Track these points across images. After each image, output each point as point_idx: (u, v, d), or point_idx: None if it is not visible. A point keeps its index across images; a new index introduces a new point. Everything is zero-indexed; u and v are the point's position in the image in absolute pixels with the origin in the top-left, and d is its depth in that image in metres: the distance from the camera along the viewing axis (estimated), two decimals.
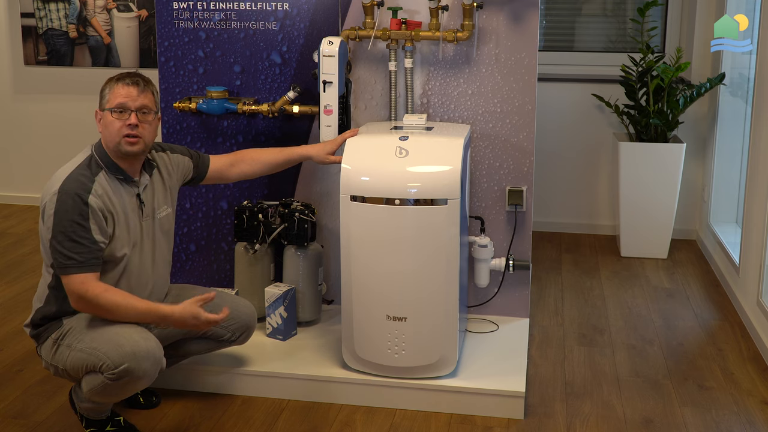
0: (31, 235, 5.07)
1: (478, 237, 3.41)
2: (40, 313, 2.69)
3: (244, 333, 2.96)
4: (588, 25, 5.20)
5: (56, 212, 2.54)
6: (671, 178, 4.60)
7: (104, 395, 2.60)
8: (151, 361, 2.56)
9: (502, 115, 3.40)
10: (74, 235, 2.52)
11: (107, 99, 2.67)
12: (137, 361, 2.52)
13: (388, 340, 2.95)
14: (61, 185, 2.56)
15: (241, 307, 2.96)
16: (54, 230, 2.54)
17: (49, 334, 2.67)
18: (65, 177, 2.59)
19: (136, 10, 5.39)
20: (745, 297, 3.79)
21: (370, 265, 2.91)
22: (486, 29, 3.33)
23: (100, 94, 2.69)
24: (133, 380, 2.54)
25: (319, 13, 3.42)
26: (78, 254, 2.52)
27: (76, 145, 5.30)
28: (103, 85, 2.70)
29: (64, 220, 2.53)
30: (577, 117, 5.08)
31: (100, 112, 2.69)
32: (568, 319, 3.83)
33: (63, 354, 2.62)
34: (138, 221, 2.73)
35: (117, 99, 2.65)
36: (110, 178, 2.65)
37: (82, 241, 2.53)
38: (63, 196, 2.54)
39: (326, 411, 2.98)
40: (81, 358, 2.57)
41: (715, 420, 2.94)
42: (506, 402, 2.93)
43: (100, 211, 2.57)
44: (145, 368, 2.54)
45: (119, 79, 2.68)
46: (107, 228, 2.60)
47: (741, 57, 4.51)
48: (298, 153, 3.16)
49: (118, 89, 2.65)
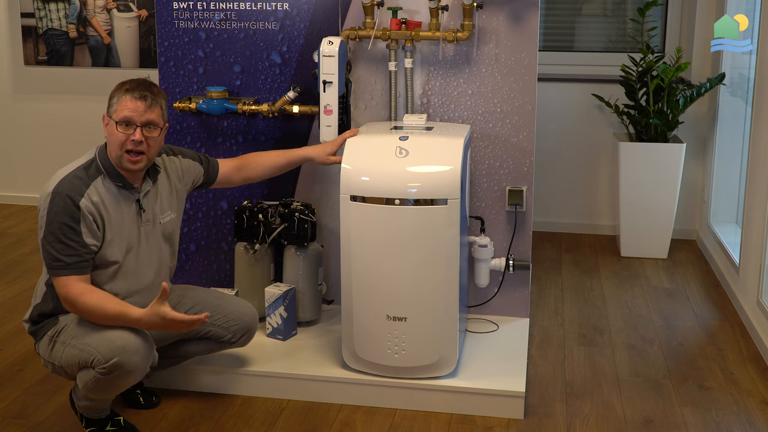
0: (31, 235, 5.07)
1: (478, 237, 3.41)
2: (38, 309, 2.70)
3: (245, 335, 2.96)
4: (588, 25, 5.20)
5: (48, 213, 2.54)
6: (671, 178, 4.60)
7: (98, 391, 2.60)
8: (141, 355, 2.56)
9: (502, 115, 3.40)
10: (63, 237, 2.53)
11: (114, 108, 2.63)
12: (127, 355, 2.52)
13: (388, 340, 2.95)
14: (56, 186, 2.56)
15: (242, 309, 2.96)
16: (45, 230, 2.54)
17: (45, 331, 2.68)
18: (61, 178, 2.59)
19: (136, 10, 5.39)
20: (745, 297, 3.79)
21: (370, 265, 2.91)
22: (486, 29, 3.33)
23: (109, 98, 2.66)
24: (123, 374, 2.54)
25: (319, 13, 3.42)
26: (66, 256, 2.53)
27: (76, 145, 5.34)
28: (113, 90, 2.66)
29: (54, 221, 2.53)
30: (577, 117, 5.08)
31: (107, 117, 2.66)
32: (568, 319, 3.83)
33: (58, 351, 2.63)
34: (136, 226, 2.72)
35: (123, 112, 2.61)
36: (108, 184, 2.64)
37: (71, 244, 2.53)
38: (56, 197, 2.54)
39: (326, 411, 2.98)
40: (74, 354, 2.58)
41: (715, 420, 2.94)
42: (506, 402, 2.93)
43: (90, 215, 2.56)
44: (136, 362, 2.54)
45: (128, 91, 2.63)
46: (99, 232, 2.59)
47: (741, 57, 4.51)
48: (299, 155, 3.16)
49: (126, 101, 2.62)
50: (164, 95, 2.72)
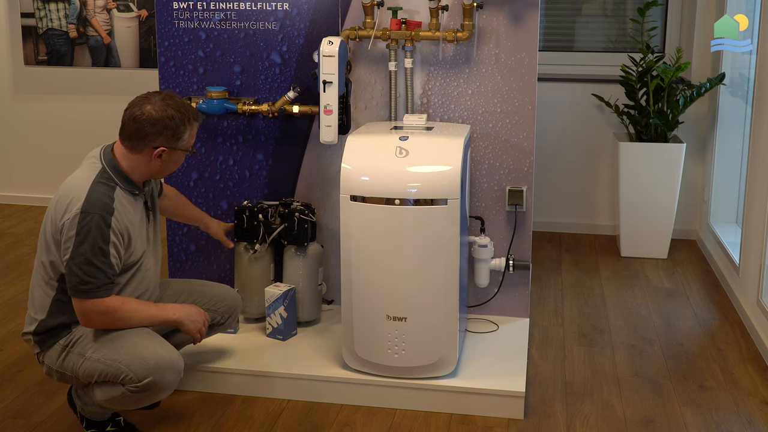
0: (30, 235, 5.07)
1: (478, 237, 3.41)
2: (44, 325, 2.62)
3: (231, 315, 2.98)
4: (588, 25, 5.20)
5: (78, 233, 2.46)
6: (671, 178, 4.60)
7: (123, 404, 2.60)
8: (174, 373, 2.57)
9: (502, 115, 3.40)
10: (95, 259, 2.47)
11: (185, 140, 2.64)
12: (161, 374, 2.52)
13: (388, 340, 2.95)
14: (84, 205, 2.48)
15: (225, 291, 3.01)
16: (74, 252, 2.46)
17: (56, 340, 2.62)
18: (86, 195, 2.50)
19: (136, 10, 5.39)
20: (745, 297, 3.79)
21: (370, 265, 2.91)
22: (486, 29, 3.33)
23: (173, 130, 2.58)
24: (156, 392, 2.55)
25: (319, 13, 3.42)
26: (95, 279, 2.48)
27: (76, 145, 5.34)
28: (177, 123, 2.58)
29: (86, 242, 2.46)
30: (577, 117, 5.07)
31: (168, 150, 2.61)
32: (568, 319, 3.83)
33: (74, 361, 2.59)
34: (145, 227, 2.72)
35: (193, 139, 2.69)
36: (125, 193, 2.61)
37: (101, 266, 2.48)
38: (86, 217, 2.47)
39: (326, 411, 2.98)
40: (98, 369, 2.55)
41: (715, 420, 2.94)
42: (506, 402, 2.93)
43: (119, 232, 2.53)
44: (169, 380, 2.55)
45: (196, 119, 2.67)
46: (122, 247, 2.56)
47: (741, 57, 4.51)
48: (199, 218, 3.25)
49: (195, 129, 2.68)
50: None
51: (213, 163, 3.60)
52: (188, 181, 3.61)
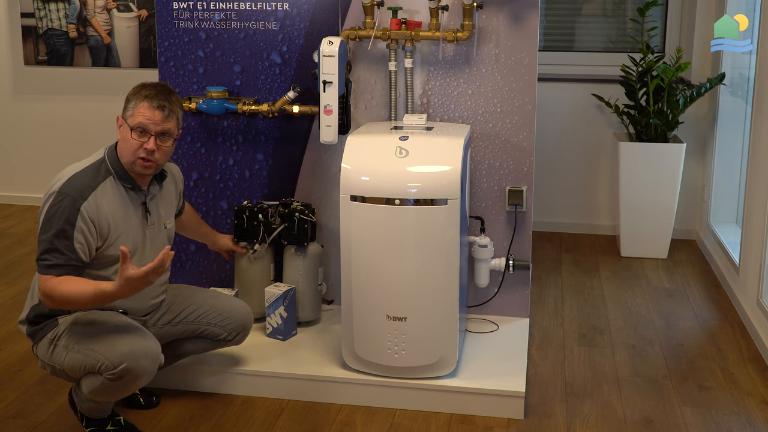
0: (30, 235, 5.07)
1: (478, 237, 3.41)
2: (35, 310, 2.68)
3: (240, 333, 2.96)
4: (588, 25, 5.20)
5: (48, 210, 2.52)
6: (671, 178, 4.60)
7: (105, 395, 2.60)
8: (149, 359, 2.56)
9: (502, 115, 3.40)
10: (56, 239, 2.50)
11: (131, 113, 2.61)
12: (136, 360, 2.52)
13: (388, 340, 2.95)
14: (62, 186, 2.54)
15: (237, 307, 2.97)
16: (42, 227, 2.53)
17: (44, 334, 2.66)
18: (68, 178, 2.56)
19: (136, 10, 5.39)
20: (745, 297, 3.79)
21: (370, 265, 2.91)
22: (486, 29, 3.33)
23: (126, 99, 2.63)
24: (133, 378, 2.54)
25: (319, 13, 3.42)
26: (54, 257, 2.50)
27: (76, 145, 5.34)
28: (131, 91, 2.63)
29: (52, 220, 2.51)
30: (577, 117, 5.08)
31: (122, 119, 2.64)
32: (568, 319, 3.83)
33: (60, 354, 2.61)
34: (141, 229, 2.71)
35: (139, 119, 2.59)
36: (117, 186, 2.63)
37: (60, 248, 2.50)
38: (60, 197, 2.52)
39: (326, 411, 2.98)
40: (78, 360, 2.57)
41: (715, 420, 2.94)
42: (506, 402, 2.93)
43: (91, 220, 2.53)
44: (144, 366, 2.54)
45: (147, 98, 2.60)
46: (92, 237, 2.55)
47: (741, 57, 4.51)
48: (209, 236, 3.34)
49: (143, 109, 2.60)
50: (181, 103, 2.72)
51: (213, 163, 3.60)
52: (188, 181, 3.61)
